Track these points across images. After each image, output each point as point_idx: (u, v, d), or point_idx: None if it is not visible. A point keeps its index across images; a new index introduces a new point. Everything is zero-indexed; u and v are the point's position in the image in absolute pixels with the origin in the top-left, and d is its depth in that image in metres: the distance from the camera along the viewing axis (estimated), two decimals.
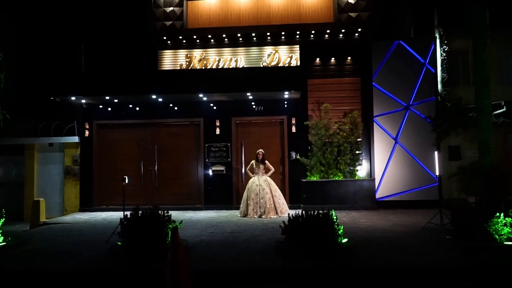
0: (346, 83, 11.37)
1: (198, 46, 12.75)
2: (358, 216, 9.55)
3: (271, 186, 10.12)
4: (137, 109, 11.71)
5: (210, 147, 11.57)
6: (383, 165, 11.11)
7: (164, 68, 11.90)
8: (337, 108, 11.24)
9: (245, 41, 12.55)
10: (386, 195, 11.06)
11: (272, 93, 10.77)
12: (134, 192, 11.76)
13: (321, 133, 10.90)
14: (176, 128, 11.87)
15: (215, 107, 11.62)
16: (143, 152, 11.83)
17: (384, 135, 11.17)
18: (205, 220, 9.57)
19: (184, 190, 11.70)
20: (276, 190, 10.11)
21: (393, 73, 11.20)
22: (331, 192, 10.74)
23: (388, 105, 11.19)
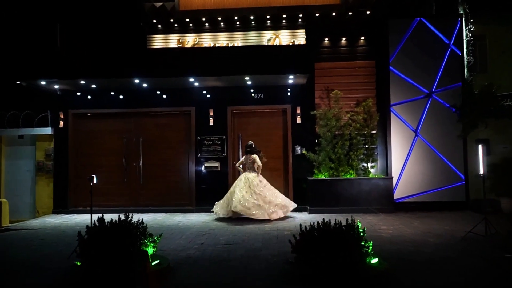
0: (359, 67, 9.89)
1: (191, 31, 11.34)
2: (376, 222, 8.11)
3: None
4: (120, 96, 10.19)
5: (203, 140, 10.09)
6: (401, 161, 9.66)
7: None
8: (348, 96, 9.76)
9: (243, 25, 11.13)
10: (405, 195, 9.62)
11: (274, 77, 9.27)
12: (116, 191, 10.31)
13: (331, 124, 9.42)
14: (163, 118, 10.37)
15: (208, 95, 10.12)
16: (126, 146, 10.34)
17: (403, 126, 9.71)
18: (195, 226, 8.11)
19: (173, 189, 10.22)
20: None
21: (413, 56, 9.73)
22: (342, 192, 9.29)
23: (407, 92, 9.73)
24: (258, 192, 8.44)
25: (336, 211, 9.16)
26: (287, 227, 7.68)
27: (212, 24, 11.18)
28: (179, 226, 8.12)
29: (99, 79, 9.33)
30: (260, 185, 8.60)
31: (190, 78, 9.19)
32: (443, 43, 9.74)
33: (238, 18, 11.05)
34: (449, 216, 8.65)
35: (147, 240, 4.84)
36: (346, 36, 9.92)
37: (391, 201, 9.29)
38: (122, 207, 10.04)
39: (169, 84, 9.82)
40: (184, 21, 11.29)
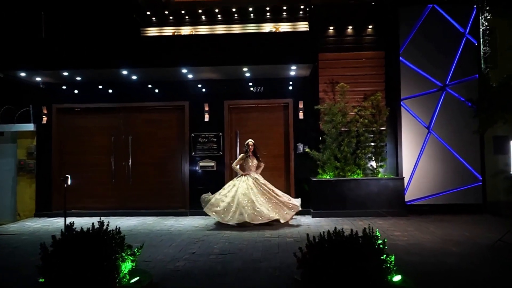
0: (367, 58, 9.12)
1: (187, 23, 10.55)
2: (387, 227, 7.35)
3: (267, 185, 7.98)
4: (108, 90, 9.42)
5: (197, 138, 9.31)
6: (412, 160, 8.90)
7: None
8: (355, 90, 8.99)
9: (241, 17, 10.34)
10: (416, 197, 8.85)
11: (274, 69, 8.50)
12: (103, 192, 9.53)
13: (337, 119, 8.65)
14: (155, 113, 9.59)
15: (203, 88, 9.35)
16: (114, 143, 9.56)
17: (414, 122, 8.95)
18: (188, 231, 7.33)
19: (165, 190, 9.44)
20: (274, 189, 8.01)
21: (425, 46, 8.97)
22: (349, 194, 8.52)
23: (419, 85, 8.96)
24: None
25: (342, 214, 8.40)
26: (289, 233, 6.91)
27: (208, 17, 10.40)
28: (170, 231, 7.34)
29: (85, 69, 8.54)
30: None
31: (183, 69, 8.42)
32: (457, 32, 8.98)
33: (236, 10, 10.29)
34: (465, 220, 7.89)
35: (124, 253, 4.05)
36: (352, 24, 9.15)
37: (402, 203, 8.52)
38: (110, 210, 9.29)
39: (161, 76, 9.05)
40: (179, 13, 10.52)
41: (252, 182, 7.85)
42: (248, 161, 8.09)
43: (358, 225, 7.57)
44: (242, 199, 7.59)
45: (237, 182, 7.95)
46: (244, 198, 7.60)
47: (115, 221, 8.56)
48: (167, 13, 10.57)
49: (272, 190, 7.85)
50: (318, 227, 7.46)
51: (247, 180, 7.90)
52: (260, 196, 7.73)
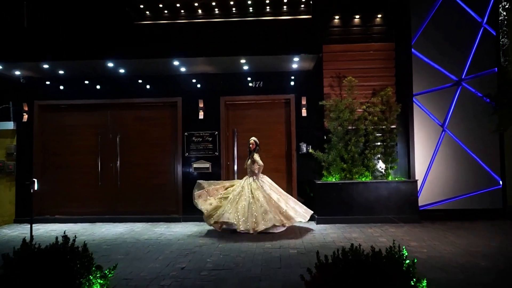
0: (376, 50, 8.37)
1: (182, 17, 9.80)
2: (401, 235, 6.60)
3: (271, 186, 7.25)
4: (95, 85, 8.68)
5: (191, 137, 8.57)
6: (426, 161, 8.16)
7: None
8: (363, 84, 8.24)
9: (239, 11, 9.55)
10: (430, 202, 8.12)
11: (275, 61, 7.76)
12: (89, 196, 8.79)
13: (344, 116, 7.90)
14: (145, 110, 8.84)
15: (198, 83, 8.62)
16: (101, 143, 8.81)
17: (428, 120, 8.21)
18: (179, 240, 6.57)
19: (156, 194, 8.69)
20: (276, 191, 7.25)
21: (439, 37, 8.24)
22: (357, 198, 7.77)
23: (433, 80, 8.23)
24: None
25: (349, 220, 7.66)
26: (291, 244, 6.15)
27: (205, 10, 9.66)
28: (159, 240, 6.58)
29: (71, 61, 7.80)
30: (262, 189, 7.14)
31: (176, 61, 7.67)
32: (474, 22, 8.25)
33: (234, 3, 9.55)
34: (486, 227, 7.16)
35: (92, 276, 3.30)
36: (359, 13, 8.39)
37: (415, 209, 7.77)
38: (96, 215, 8.55)
39: (152, 69, 8.30)
40: (174, 6, 9.79)
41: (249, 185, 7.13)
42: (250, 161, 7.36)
43: (368, 233, 6.83)
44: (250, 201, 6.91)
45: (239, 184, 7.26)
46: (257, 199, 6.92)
47: (100, 228, 7.82)
48: (162, 6, 9.85)
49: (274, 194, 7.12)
50: (324, 235, 6.71)
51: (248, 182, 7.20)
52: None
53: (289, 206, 6.99)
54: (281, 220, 6.77)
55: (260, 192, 6.99)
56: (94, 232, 7.48)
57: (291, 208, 6.98)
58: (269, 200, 6.92)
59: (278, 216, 6.76)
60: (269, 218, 6.71)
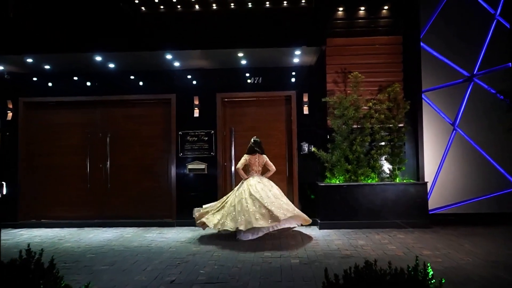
0: (382, 44, 7.86)
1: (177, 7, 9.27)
2: (411, 242, 6.08)
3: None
4: (83, 81, 8.17)
5: (186, 136, 8.06)
6: (435, 162, 7.67)
7: None
8: (369, 80, 7.73)
9: (238, 6, 9.09)
10: (440, 205, 7.63)
11: (275, 54, 7.26)
12: (77, 199, 8.27)
13: (349, 114, 7.40)
14: (137, 108, 8.32)
15: (193, 79, 8.11)
16: (90, 143, 8.30)
17: (437, 118, 7.72)
18: (171, 248, 6.05)
19: (148, 197, 8.17)
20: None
21: (450, 30, 7.77)
22: (362, 201, 7.25)
23: (443, 75, 7.75)
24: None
25: (354, 225, 7.15)
26: (293, 252, 5.64)
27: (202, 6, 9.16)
28: (150, 248, 6.06)
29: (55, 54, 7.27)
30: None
31: (169, 55, 7.16)
32: (487, 14, 7.76)
33: None
34: (502, 233, 6.65)
35: None
36: (365, 5, 7.87)
37: (425, 213, 7.26)
38: (85, 219, 8.04)
39: (144, 64, 7.79)
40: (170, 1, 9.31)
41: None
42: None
43: (375, 239, 6.32)
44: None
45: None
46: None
47: (88, 233, 7.30)
48: (157, 1, 9.36)
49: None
50: (328, 242, 6.20)
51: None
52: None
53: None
54: None
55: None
56: (80, 238, 6.97)
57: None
58: None
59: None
60: None
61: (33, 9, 8.16)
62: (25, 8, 8.17)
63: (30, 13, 8.10)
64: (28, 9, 8.15)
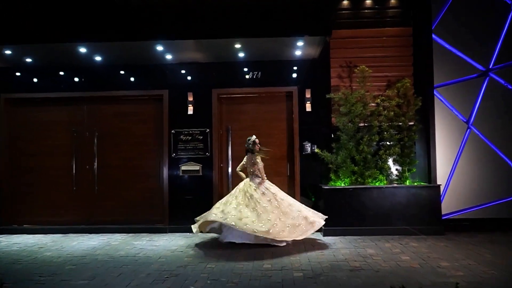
0: (391, 36, 7.30)
1: None
2: (426, 251, 5.52)
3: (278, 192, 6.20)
4: (69, 76, 7.62)
5: (179, 135, 7.49)
6: (448, 163, 7.11)
7: None
8: (376, 75, 7.17)
9: None
10: (453, 210, 7.07)
11: (276, 45, 6.72)
12: (62, 203, 7.71)
13: (355, 111, 6.83)
14: (126, 105, 7.75)
15: (187, 74, 7.54)
16: (76, 142, 7.73)
17: (450, 115, 7.17)
18: (160, 258, 5.47)
19: (139, 200, 7.60)
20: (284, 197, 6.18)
21: (464, 20, 7.22)
22: (370, 206, 6.69)
23: (456, 70, 7.20)
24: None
25: (361, 232, 6.59)
26: (296, 263, 5.07)
27: None
28: (137, 258, 5.48)
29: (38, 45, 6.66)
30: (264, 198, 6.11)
31: (160, 46, 6.60)
32: (504, 3, 7.21)
33: None
34: None
35: None
36: None
37: (438, 218, 6.69)
38: (70, 225, 7.48)
39: (134, 57, 7.23)
40: None
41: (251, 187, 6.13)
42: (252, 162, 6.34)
43: (386, 248, 5.75)
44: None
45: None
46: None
47: (72, 241, 6.74)
48: None
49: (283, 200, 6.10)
50: (334, 251, 5.63)
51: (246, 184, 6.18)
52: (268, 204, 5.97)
53: None
54: None
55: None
56: (63, 246, 6.39)
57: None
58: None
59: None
60: None
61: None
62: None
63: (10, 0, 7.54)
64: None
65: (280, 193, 6.25)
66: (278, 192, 6.23)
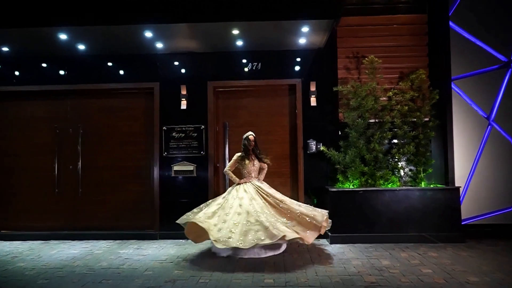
0: (404, 24, 6.66)
1: None
2: (447, 263, 4.86)
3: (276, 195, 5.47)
4: (50, 67, 6.94)
5: (171, 132, 6.82)
6: (467, 163, 6.46)
7: None
8: (387, 66, 6.54)
9: None
10: (473, 215, 6.41)
11: (277, 33, 6.04)
12: (43, 206, 7.02)
13: (366, 105, 6.18)
14: (114, 99, 7.08)
15: (180, 65, 6.88)
16: (59, 140, 7.05)
17: (469, 111, 6.52)
18: (147, 270, 4.80)
19: (127, 204, 6.92)
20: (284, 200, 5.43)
21: (484, 6, 6.57)
22: (382, 209, 6.03)
23: (476, 60, 6.55)
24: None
25: (372, 239, 5.94)
26: (302, 277, 4.40)
27: None
28: (120, 270, 4.81)
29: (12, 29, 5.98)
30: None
31: (147, 31, 5.92)
32: None
33: None
34: None
35: None
36: None
37: (457, 224, 6.03)
38: (52, 230, 6.81)
39: (121, 46, 6.56)
40: None
41: (254, 190, 5.40)
42: (247, 163, 5.63)
43: (402, 258, 5.09)
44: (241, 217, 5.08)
45: (230, 195, 5.48)
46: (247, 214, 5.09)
47: (51, 249, 6.06)
48: None
49: (282, 201, 5.35)
50: (344, 262, 4.97)
51: (246, 188, 5.45)
52: (269, 207, 5.26)
53: None
54: None
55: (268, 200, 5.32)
56: (40, 255, 5.71)
57: None
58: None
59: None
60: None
61: None
62: None
63: None
64: None
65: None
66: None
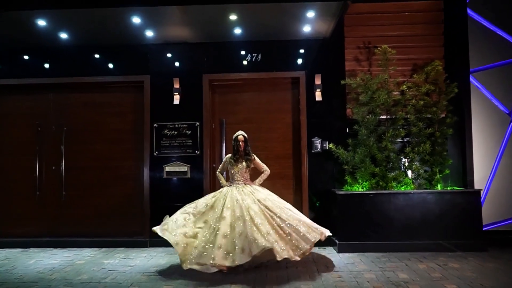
0: (417, 11, 6.10)
1: None
2: (473, 276, 4.28)
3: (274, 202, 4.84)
4: (31, 59, 6.36)
5: (163, 129, 6.23)
6: (488, 164, 5.90)
7: None
8: (399, 57, 5.97)
9: None
10: (495, 221, 5.84)
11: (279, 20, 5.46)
12: (23, 211, 6.43)
13: (378, 99, 5.61)
14: (101, 93, 6.48)
15: (173, 57, 6.29)
16: (40, 138, 6.46)
17: (490, 106, 5.95)
18: (132, 285, 4.21)
19: (114, 208, 6.33)
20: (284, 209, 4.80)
21: None
22: (395, 215, 5.45)
23: (497, 51, 5.99)
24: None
25: (385, 247, 5.36)
26: None
27: None
28: (102, 285, 4.22)
29: None
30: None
31: (135, 17, 5.34)
32: None
33: None
34: None
35: None
36: None
37: (478, 231, 5.46)
38: (32, 237, 6.23)
39: (108, 35, 5.97)
40: None
41: (237, 202, 4.74)
42: (236, 165, 5.05)
43: (420, 270, 4.52)
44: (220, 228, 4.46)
45: (213, 199, 4.90)
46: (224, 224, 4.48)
47: (29, 258, 5.47)
48: None
49: (274, 212, 4.70)
50: (355, 274, 4.39)
51: (228, 200, 4.80)
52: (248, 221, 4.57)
53: None
54: None
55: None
56: (16, 265, 5.13)
57: None
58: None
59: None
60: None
61: None
62: None
63: None
64: None
65: None
66: None
